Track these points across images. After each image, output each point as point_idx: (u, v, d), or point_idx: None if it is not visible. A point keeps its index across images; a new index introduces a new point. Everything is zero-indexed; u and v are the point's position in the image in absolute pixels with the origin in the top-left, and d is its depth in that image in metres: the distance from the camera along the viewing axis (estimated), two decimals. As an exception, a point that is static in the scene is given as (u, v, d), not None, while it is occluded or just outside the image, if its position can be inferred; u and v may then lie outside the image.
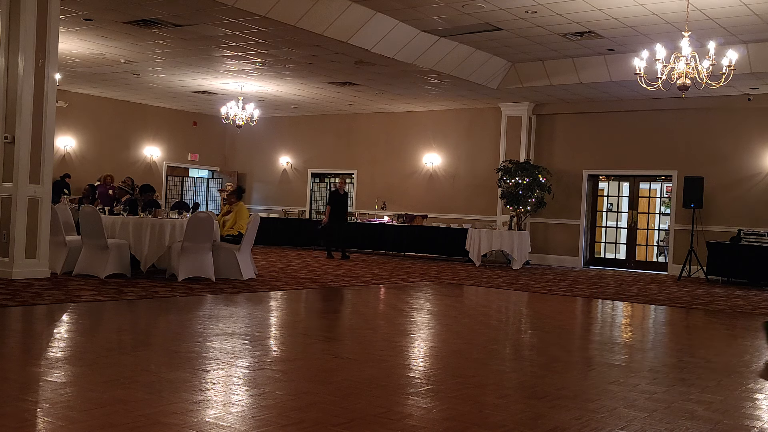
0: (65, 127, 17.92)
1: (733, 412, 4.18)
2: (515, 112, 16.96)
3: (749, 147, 14.69)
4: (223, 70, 15.03)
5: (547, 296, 10.37)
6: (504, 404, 4.13)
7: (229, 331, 6.14)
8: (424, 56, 13.22)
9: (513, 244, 15.18)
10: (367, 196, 19.55)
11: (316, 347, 5.79)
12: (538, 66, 14.49)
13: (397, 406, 3.96)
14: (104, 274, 9.48)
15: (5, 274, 9.01)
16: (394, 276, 12.16)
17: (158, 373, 4.50)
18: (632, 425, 3.75)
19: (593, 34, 12.08)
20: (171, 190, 20.85)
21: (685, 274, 14.37)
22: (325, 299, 9.19)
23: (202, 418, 3.53)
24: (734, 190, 14.78)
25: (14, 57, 9.20)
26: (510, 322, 8.31)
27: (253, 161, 21.70)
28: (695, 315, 9.12)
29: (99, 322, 6.76)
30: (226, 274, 10.00)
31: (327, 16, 11.18)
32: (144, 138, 20.08)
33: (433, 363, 5.45)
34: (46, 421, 3.41)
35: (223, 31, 11.71)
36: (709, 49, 9.24)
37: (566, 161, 16.73)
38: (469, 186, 17.89)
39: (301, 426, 3.46)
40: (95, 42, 13.04)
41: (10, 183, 9.20)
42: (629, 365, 5.61)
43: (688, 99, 12.87)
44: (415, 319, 7.75)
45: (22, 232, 9.15)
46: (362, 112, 19.50)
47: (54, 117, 9.59)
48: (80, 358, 4.99)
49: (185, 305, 7.71)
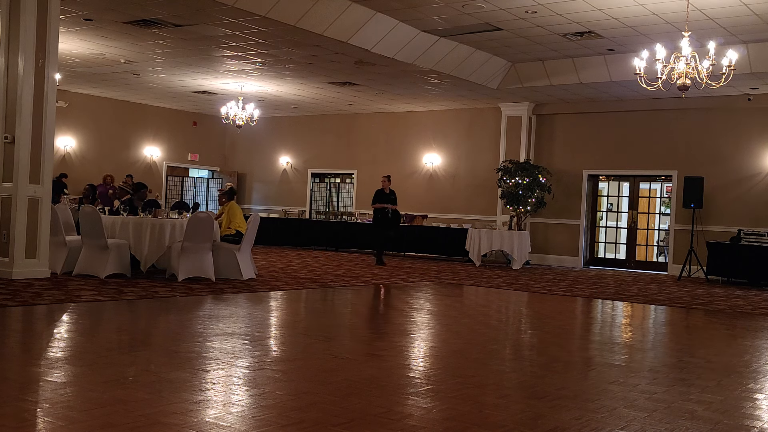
0: (65, 127, 17.92)
1: (733, 412, 4.18)
2: (515, 112, 16.96)
3: (749, 147, 14.69)
4: (223, 70, 15.03)
5: (547, 296, 10.37)
6: (504, 404, 4.13)
7: (229, 331, 6.14)
8: (424, 56, 13.21)
9: (513, 244, 15.18)
10: (367, 196, 19.51)
11: (316, 347, 5.79)
12: (538, 66, 14.49)
13: (397, 406, 3.96)
14: (104, 274, 9.48)
15: (5, 274, 9.01)
16: (394, 276, 12.16)
17: (158, 373, 4.49)
18: (632, 425, 3.75)
19: (593, 34, 12.08)
20: (171, 190, 20.86)
21: (685, 274, 14.36)
22: (325, 299, 9.19)
23: (202, 418, 3.53)
24: (734, 190, 14.78)
25: (14, 57, 9.20)
26: (510, 322, 8.31)
27: (253, 161, 21.69)
28: (695, 315, 9.12)
29: (99, 322, 6.76)
30: (226, 274, 10.00)
31: (327, 16, 11.18)
32: (144, 138, 20.08)
33: (433, 363, 5.45)
34: (46, 421, 3.41)
35: (223, 31, 11.71)
36: (709, 49, 9.24)
37: (566, 161, 16.73)
38: (469, 186, 17.89)
39: (301, 426, 3.46)
40: (95, 42, 13.04)
41: (10, 183, 9.20)
42: (629, 365, 5.61)
43: (688, 99, 12.87)
44: (415, 319, 7.75)
45: (22, 232, 9.15)
46: (362, 112, 19.49)
47: (54, 117, 9.59)
48: (80, 358, 4.99)
49: (185, 305, 7.71)
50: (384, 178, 14.58)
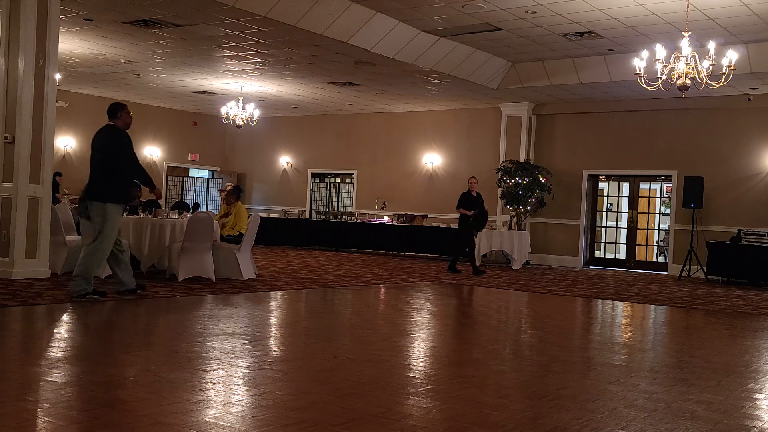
0: (65, 127, 17.92)
1: (733, 412, 4.18)
2: (515, 112, 16.96)
3: (749, 147, 14.69)
4: (223, 70, 15.03)
5: (547, 296, 10.37)
6: (504, 404, 4.13)
7: (229, 331, 6.13)
8: (424, 56, 13.22)
9: (513, 244, 15.18)
10: (367, 196, 19.55)
11: (316, 347, 5.79)
12: (538, 66, 14.49)
13: (397, 406, 3.95)
14: (104, 274, 9.47)
15: (5, 274, 9.01)
16: (394, 276, 12.16)
17: (158, 373, 4.49)
18: (632, 425, 3.75)
19: (593, 34, 12.08)
20: (171, 190, 20.86)
21: (685, 274, 14.36)
22: (325, 299, 9.19)
23: (202, 418, 3.53)
24: (734, 190, 14.78)
25: (14, 57, 9.20)
26: (510, 322, 8.31)
27: (253, 161, 21.70)
28: (695, 315, 9.12)
29: (99, 322, 6.76)
30: (226, 274, 10.00)
31: (327, 16, 11.18)
32: (144, 138, 20.07)
33: (433, 363, 5.45)
34: (46, 421, 3.41)
35: (223, 31, 11.71)
36: (709, 49, 9.24)
37: (566, 161, 16.73)
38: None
39: (301, 426, 3.46)
40: (95, 42, 13.04)
41: (10, 183, 9.20)
42: (629, 365, 5.61)
43: (688, 99, 12.87)
44: (415, 319, 7.75)
45: (22, 232, 9.14)
46: (362, 112, 19.49)
47: (54, 117, 9.58)
48: (80, 358, 4.99)
49: (185, 305, 7.71)
50: (472, 179, 13.45)
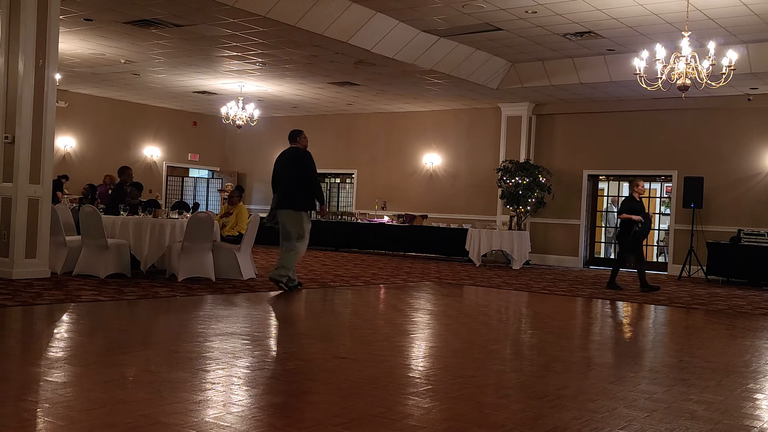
0: (65, 127, 17.92)
1: (733, 412, 4.18)
2: (515, 112, 16.96)
3: (749, 147, 14.69)
4: (223, 70, 15.03)
5: (547, 296, 10.37)
6: (504, 404, 4.13)
7: (229, 331, 6.13)
8: (424, 56, 13.21)
9: (513, 244, 15.18)
10: (367, 196, 19.54)
11: (316, 347, 5.79)
12: (538, 66, 14.48)
13: (397, 406, 3.95)
14: (104, 274, 9.48)
15: (5, 274, 9.00)
16: (394, 276, 12.15)
17: (158, 373, 4.49)
18: (632, 425, 3.75)
19: (593, 34, 12.08)
20: (171, 190, 20.85)
21: (685, 274, 14.36)
22: (325, 299, 9.19)
23: (202, 418, 3.53)
24: (734, 190, 14.78)
25: (14, 57, 9.20)
26: (510, 322, 8.31)
27: (253, 161, 21.69)
28: (695, 315, 9.12)
29: (99, 322, 6.76)
30: (226, 274, 10.00)
31: (327, 16, 11.18)
32: (144, 138, 20.09)
33: (433, 363, 5.45)
34: (46, 421, 3.41)
35: (223, 31, 11.71)
36: (709, 49, 9.24)
37: (566, 161, 16.73)
38: (469, 186, 17.89)
39: (301, 426, 3.46)
40: (95, 42, 13.04)
41: (10, 183, 9.19)
42: (629, 365, 5.61)
43: (688, 99, 12.87)
44: (415, 319, 7.75)
45: (22, 232, 9.14)
46: (362, 112, 19.49)
47: (54, 117, 9.58)
48: (80, 358, 4.99)
49: (185, 305, 7.71)
50: (641, 182, 11.46)
